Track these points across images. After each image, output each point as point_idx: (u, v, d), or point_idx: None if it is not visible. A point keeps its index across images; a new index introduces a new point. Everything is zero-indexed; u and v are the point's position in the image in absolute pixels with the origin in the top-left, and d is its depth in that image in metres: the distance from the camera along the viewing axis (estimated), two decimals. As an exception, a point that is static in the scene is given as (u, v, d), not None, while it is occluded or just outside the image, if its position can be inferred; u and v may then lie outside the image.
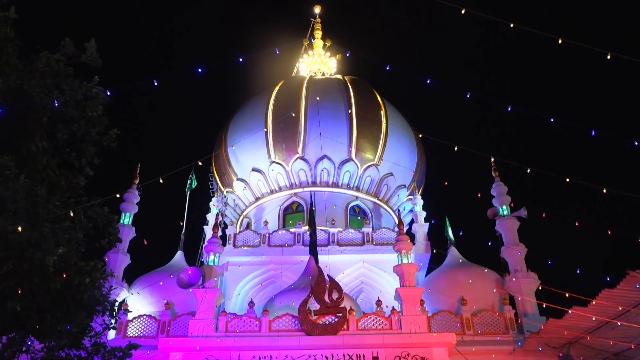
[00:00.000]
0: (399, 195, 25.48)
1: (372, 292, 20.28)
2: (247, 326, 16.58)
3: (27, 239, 7.64)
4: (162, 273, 20.05)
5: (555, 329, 15.30)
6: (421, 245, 21.75)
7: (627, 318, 13.67)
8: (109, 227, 9.71)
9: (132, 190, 21.56)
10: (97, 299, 9.27)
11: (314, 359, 15.74)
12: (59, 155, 9.14)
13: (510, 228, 20.19)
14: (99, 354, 9.89)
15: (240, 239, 21.57)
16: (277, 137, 24.52)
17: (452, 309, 18.15)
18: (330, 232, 21.38)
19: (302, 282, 18.07)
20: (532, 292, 18.39)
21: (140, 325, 17.96)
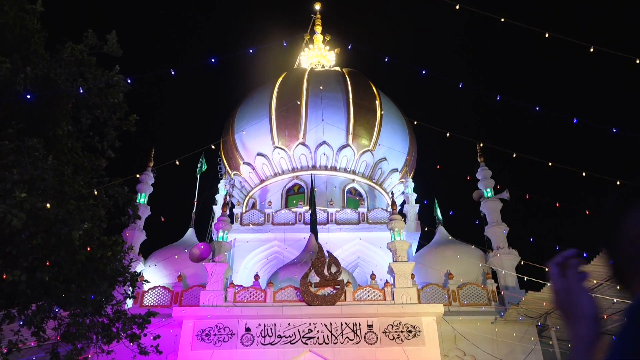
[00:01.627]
0: (392, 178, 25.51)
1: (367, 267, 20.41)
2: (253, 297, 16.68)
3: (55, 215, 7.65)
4: (175, 248, 20.12)
5: (533, 300, 15.45)
6: (412, 224, 21.84)
7: (600, 291, 13.82)
8: (128, 205, 9.74)
9: (148, 172, 21.54)
10: (119, 270, 9.32)
11: (314, 326, 15.87)
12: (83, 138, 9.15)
13: (493, 209, 20.28)
14: (119, 321, 9.98)
15: (247, 218, 21.62)
16: (280, 124, 24.45)
17: (440, 282, 18.29)
18: (329, 212, 21.43)
19: (303, 257, 18.16)
20: (513, 267, 18.52)
21: (156, 296, 18.07)
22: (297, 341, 15.65)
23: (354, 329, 15.83)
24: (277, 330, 15.81)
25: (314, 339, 15.66)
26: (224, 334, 15.74)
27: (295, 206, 22.24)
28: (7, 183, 7.11)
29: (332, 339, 15.69)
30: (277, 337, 15.70)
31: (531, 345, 16.47)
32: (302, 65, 32.13)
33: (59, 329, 9.73)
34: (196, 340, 15.65)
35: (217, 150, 26.50)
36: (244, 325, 15.88)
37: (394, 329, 15.83)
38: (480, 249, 19.75)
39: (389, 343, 15.57)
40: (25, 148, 7.44)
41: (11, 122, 7.76)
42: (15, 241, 7.78)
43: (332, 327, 15.89)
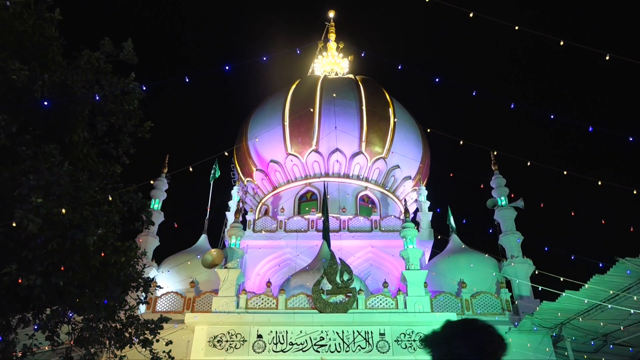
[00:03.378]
0: (405, 185, 25.41)
1: (379, 275, 20.30)
2: (265, 303, 16.67)
3: (70, 220, 7.72)
4: (187, 254, 20.21)
5: (548, 310, 15.23)
6: (425, 232, 21.71)
7: (617, 302, 13.58)
8: (142, 211, 9.79)
9: (161, 179, 21.71)
10: (132, 275, 9.37)
11: (326, 334, 15.81)
12: (98, 145, 9.23)
13: (508, 217, 20.09)
14: (132, 326, 10.02)
15: (259, 224, 21.65)
16: (293, 131, 24.52)
17: (453, 291, 18.12)
18: (341, 219, 21.39)
19: (316, 265, 18.12)
20: (528, 276, 18.30)
21: (168, 301, 18.14)
22: (308, 349, 15.59)
23: (365, 337, 15.74)
24: (288, 338, 15.77)
25: (325, 347, 15.60)
26: (236, 341, 15.74)
27: (308, 213, 22.23)
28: (23, 188, 7.20)
29: (344, 347, 15.62)
30: (289, 345, 15.66)
31: (546, 356, 16.21)
32: (316, 72, 32.25)
33: (72, 334, 9.80)
34: (208, 346, 15.66)
35: (231, 157, 26.66)
36: (255, 332, 15.87)
37: (406, 337, 15.72)
38: (494, 258, 19.56)
39: (401, 352, 15.45)
40: (42, 154, 7.52)
41: (28, 128, 7.86)
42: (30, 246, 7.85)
43: (344, 335, 15.82)
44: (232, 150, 26.29)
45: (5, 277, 7.95)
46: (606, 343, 16.32)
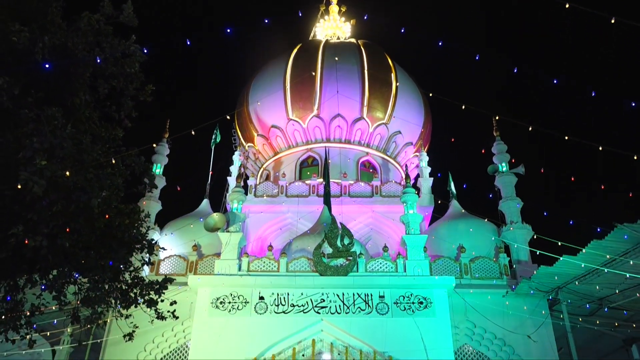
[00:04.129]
0: (406, 151, 25.44)
1: (379, 239, 20.53)
2: (266, 266, 16.95)
3: (74, 183, 7.82)
4: (190, 218, 20.42)
5: (545, 274, 15.49)
6: (426, 197, 21.86)
7: (613, 266, 13.81)
8: (145, 174, 9.90)
9: (163, 143, 21.75)
10: (136, 237, 9.54)
11: (327, 296, 16.14)
12: (100, 108, 9.25)
13: (508, 183, 20.19)
14: (137, 286, 10.25)
15: (261, 189, 21.79)
16: (294, 96, 24.38)
17: (452, 256, 18.39)
18: (342, 185, 21.51)
19: (317, 229, 18.34)
20: (526, 241, 18.53)
21: (171, 264, 18.45)
22: (309, 310, 15.95)
23: (365, 300, 16.08)
24: (290, 300, 16.11)
25: (326, 309, 15.95)
26: (238, 302, 16.08)
27: (309, 178, 22.34)
28: (27, 151, 7.27)
29: (344, 308, 15.97)
30: (290, 306, 16.01)
31: (542, 319, 16.59)
32: (318, 36, 31.85)
33: (79, 294, 10.04)
34: (211, 307, 16.02)
35: (232, 122, 26.61)
36: (257, 293, 16.19)
37: (405, 300, 16.05)
38: (493, 223, 19.78)
39: (400, 314, 15.81)
40: (45, 117, 7.56)
41: (30, 91, 7.87)
42: (36, 208, 7.98)
43: (344, 297, 16.15)
44: (233, 114, 26.22)
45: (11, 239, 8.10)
46: (601, 306, 16.67)
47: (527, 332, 16.43)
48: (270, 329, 15.67)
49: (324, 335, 15.79)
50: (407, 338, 15.42)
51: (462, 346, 16.88)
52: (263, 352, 15.37)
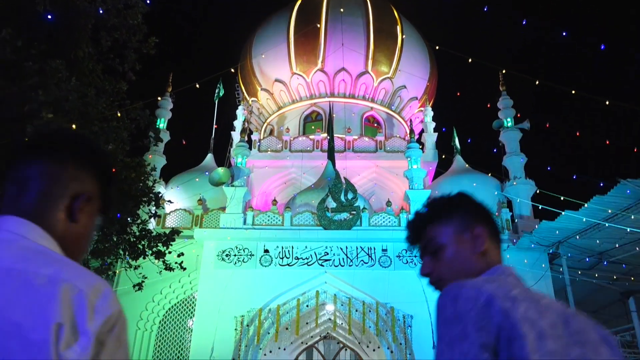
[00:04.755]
0: (411, 106, 25.25)
1: (383, 194, 20.69)
2: (271, 220, 17.19)
3: (80, 136, 7.87)
4: (194, 173, 20.58)
5: (547, 229, 15.69)
6: (430, 152, 21.87)
7: (615, 221, 13.96)
8: (150, 128, 9.93)
9: (166, 97, 21.67)
10: (143, 190, 9.67)
11: (330, 249, 16.44)
12: (103, 61, 9.19)
13: (513, 139, 20.16)
14: (145, 239, 10.48)
15: (264, 144, 21.81)
16: (298, 49, 24.02)
17: (455, 210, 18.51)
18: (346, 139, 21.49)
19: (321, 184, 18.47)
20: (529, 197, 18.66)
21: (177, 218, 18.73)
22: (313, 263, 16.29)
23: (368, 253, 16.37)
24: (294, 253, 16.43)
25: (330, 261, 16.28)
26: (244, 255, 16.42)
27: (313, 133, 22.30)
28: (33, 104, 7.30)
29: (347, 261, 16.29)
30: (295, 259, 16.34)
31: (541, 272, 16.90)
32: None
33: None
34: (217, 259, 16.37)
35: (235, 76, 26.33)
36: (262, 247, 16.50)
37: (407, 253, 16.33)
38: (496, 179, 19.86)
39: (403, 266, 16.13)
40: (49, 69, 7.55)
41: (33, 43, 7.82)
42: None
43: (347, 250, 16.44)
44: (236, 68, 25.91)
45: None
46: (601, 260, 16.94)
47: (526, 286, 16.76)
48: (275, 281, 16.06)
49: (327, 287, 16.18)
50: (409, 290, 15.76)
51: (462, 298, 17.27)
52: (268, 302, 15.80)
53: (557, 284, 17.05)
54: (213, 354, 15.09)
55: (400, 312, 15.54)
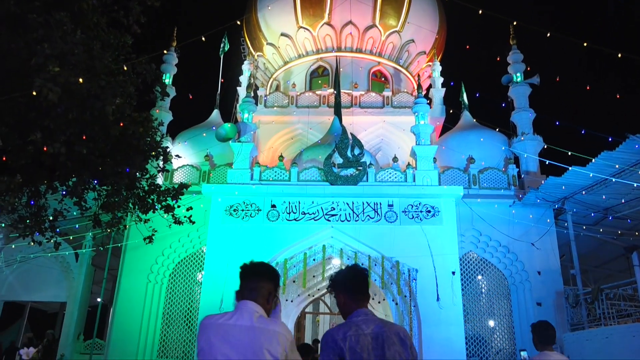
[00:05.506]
0: (419, 61, 24.87)
1: (389, 150, 20.69)
2: (278, 176, 17.29)
3: (88, 90, 7.88)
4: (201, 129, 20.59)
5: (553, 185, 15.73)
6: (437, 108, 21.68)
7: (622, 176, 13.96)
8: (156, 82, 9.90)
9: (171, 52, 21.44)
10: (151, 145, 9.73)
11: (337, 205, 16.59)
12: (108, 13, 9.07)
13: (522, 94, 19.94)
14: (154, 193, 10.62)
15: (270, 100, 21.68)
16: (304, 2, 23.48)
17: (462, 167, 18.57)
18: (353, 95, 21.31)
19: (327, 139, 18.45)
20: (536, 152, 18.62)
21: (185, 174, 18.88)
22: (320, 218, 16.48)
23: (375, 208, 16.52)
24: (301, 208, 16.60)
25: (336, 216, 16.46)
26: (251, 210, 16.62)
27: (320, 89, 22.10)
28: (39, 57, 7.27)
29: (353, 217, 16.47)
30: (301, 214, 16.54)
31: (546, 227, 17.06)
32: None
33: (98, 200, 10.45)
34: (225, 214, 16.59)
35: (240, 30, 25.91)
36: (269, 202, 16.67)
37: (413, 209, 16.47)
38: (504, 134, 19.77)
39: (408, 222, 16.30)
40: (54, 22, 7.47)
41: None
42: (51, 115, 8.11)
43: (353, 206, 16.59)
44: (242, 21, 25.47)
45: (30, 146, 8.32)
46: (606, 216, 17.05)
47: (531, 240, 16.97)
48: (282, 236, 16.32)
49: (334, 241, 16.44)
50: (414, 245, 16.00)
51: (467, 253, 17.54)
52: (275, 256, 16.11)
53: (562, 239, 17.24)
54: (222, 305, 15.51)
55: (405, 265, 15.82)
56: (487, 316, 17.17)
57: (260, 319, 3.06)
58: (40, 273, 18.26)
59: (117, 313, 17.30)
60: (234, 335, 2.97)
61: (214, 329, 3.06)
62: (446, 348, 14.83)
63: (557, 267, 16.90)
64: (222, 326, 3.04)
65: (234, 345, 2.94)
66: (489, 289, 17.49)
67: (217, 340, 2.99)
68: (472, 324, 16.95)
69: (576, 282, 15.89)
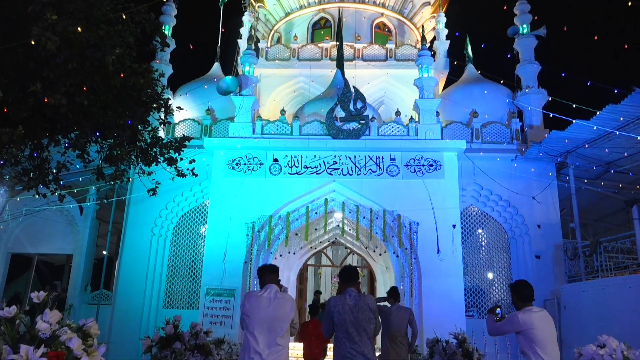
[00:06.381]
0: (423, 12, 24.28)
1: (392, 104, 20.51)
2: (280, 130, 17.24)
3: (87, 39, 7.76)
4: (201, 82, 20.37)
5: (556, 138, 15.68)
6: (441, 61, 21.37)
7: (626, 130, 13.89)
8: (156, 32, 9.73)
9: (169, 3, 20.96)
10: (153, 96, 9.66)
11: (339, 158, 16.60)
12: (104, -41, 8.81)
13: (527, 46, 19.56)
14: (156, 146, 10.62)
15: (272, 53, 21.35)
16: (306, -50, 22.77)
17: (465, 121, 18.46)
18: (356, 48, 20.96)
19: (330, 93, 18.28)
20: (541, 106, 18.43)
21: (186, 127, 18.81)
22: (322, 172, 16.52)
23: (377, 162, 16.53)
24: (303, 162, 16.62)
25: (338, 170, 16.50)
26: (253, 164, 16.65)
27: (322, 41, 21.72)
28: (36, 5, 7.13)
29: (355, 170, 16.50)
30: (304, 168, 16.57)
31: (548, 181, 17.11)
32: None
33: (101, 152, 10.46)
34: (227, 168, 16.64)
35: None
36: (272, 155, 16.67)
37: (415, 162, 16.48)
38: (508, 88, 19.55)
39: (410, 175, 16.35)
40: (49, -32, 7.29)
41: (30, -61, 7.49)
42: (51, 65, 8.02)
43: (356, 159, 16.60)
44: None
45: (30, 99, 8.27)
46: (608, 170, 17.06)
47: (532, 194, 17.05)
48: (285, 189, 16.41)
49: (336, 195, 16.53)
50: (416, 198, 16.11)
51: (468, 207, 17.67)
52: (278, 210, 16.25)
53: (563, 193, 17.33)
54: (226, 257, 15.79)
55: (406, 219, 15.97)
56: (486, 269, 17.46)
57: (278, 293, 5.79)
58: (46, 226, 18.50)
59: (123, 265, 17.63)
60: (264, 302, 5.62)
61: (254, 298, 5.69)
62: (445, 299, 15.16)
63: (557, 220, 17.05)
64: (259, 297, 5.69)
65: (266, 307, 5.59)
66: (488, 242, 17.71)
67: (256, 304, 5.62)
68: (471, 276, 17.27)
69: (575, 235, 16.07)
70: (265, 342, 5.33)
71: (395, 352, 8.58)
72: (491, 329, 6.35)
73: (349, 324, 5.56)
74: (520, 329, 5.89)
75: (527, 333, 5.85)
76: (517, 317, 5.95)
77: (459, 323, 12.97)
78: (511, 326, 6.05)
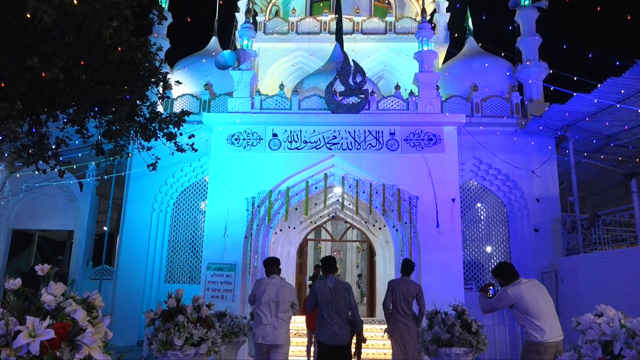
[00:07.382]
0: (424, -16, 23.88)
1: (392, 78, 20.37)
2: (279, 104, 17.13)
3: (83, 12, 7.65)
4: (199, 56, 20.18)
5: (557, 112, 15.62)
6: (441, 34, 21.13)
7: (627, 103, 13.83)
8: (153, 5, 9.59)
9: (166, -25, 20.62)
10: (151, 70, 9.57)
11: (338, 133, 16.54)
12: None
13: (529, 19, 19.31)
14: (155, 120, 10.56)
15: (270, 27, 21.10)
16: None
17: (465, 95, 18.35)
18: (355, 21, 20.71)
19: (329, 67, 18.12)
20: (541, 79, 18.32)
21: (185, 103, 18.70)
22: (322, 146, 16.48)
23: (376, 136, 16.48)
24: (302, 137, 16.56)
25: (338, 145, 16.46)
26: (253, 139, 16.59)
27: (321, 14, 21.44)
28: (31, -23, 6.99)
29: (355, 145, 16.46)
30: (303, 143, 16.52)
31: (548, 154, 17.11)
32: None
33: (100, 127, 10.41)
34: (227, 143, 16.59)
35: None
36: (271, 130, 16.60)
37: (415, 137, 16.43)
38: (509, 61, 19.38)
39: (410, 150, 16.31)
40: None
41: None
42: (47, 39, 7.92)
43: (355, 134, 16.53)
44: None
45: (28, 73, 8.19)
46: (607, 143, 17.04)
47: (531, 168, 17.07)
48: (284, 164, 16.39)
49: (335, 169, 16.53)
50: (415, 173, 16.11)
51: (467, 181, 17.71)
52: (278, 184, 16.26)
53: (562, 167, 17.34)
54: (226, 232, 15.87)
55: (406, 193, 16.00)
56: (485, 242, 17.59)
57: (282, 280, 7.84)
58: (47, 202, 18.55)
59: (123, 241, 17.73)
60: (273, 287, 7.61)
61: (263, 283, 7.74)
62: (445, 272, 15.30)
63: (556, 194, 17.10)
64: (268, 283, 7.69)
65: (272, 291, 7.57)
66: (487, 216, 17.80)
67: (265, 288, 7.62)
68: (470, 250, 17.41)
69: (574, 209, 16.14)
70: (272, 315, 7.44)
71: (403, 323, 8.67)
72: (484, 307, 6.46)
73: (328, 302, 7.55)
74: (511, 302, 6.04)
75: (519, 305, 5.98)
76: (506, 292, 6.08)
77: (458, 295, 13.11)
78: (502, 301, 6.17)
